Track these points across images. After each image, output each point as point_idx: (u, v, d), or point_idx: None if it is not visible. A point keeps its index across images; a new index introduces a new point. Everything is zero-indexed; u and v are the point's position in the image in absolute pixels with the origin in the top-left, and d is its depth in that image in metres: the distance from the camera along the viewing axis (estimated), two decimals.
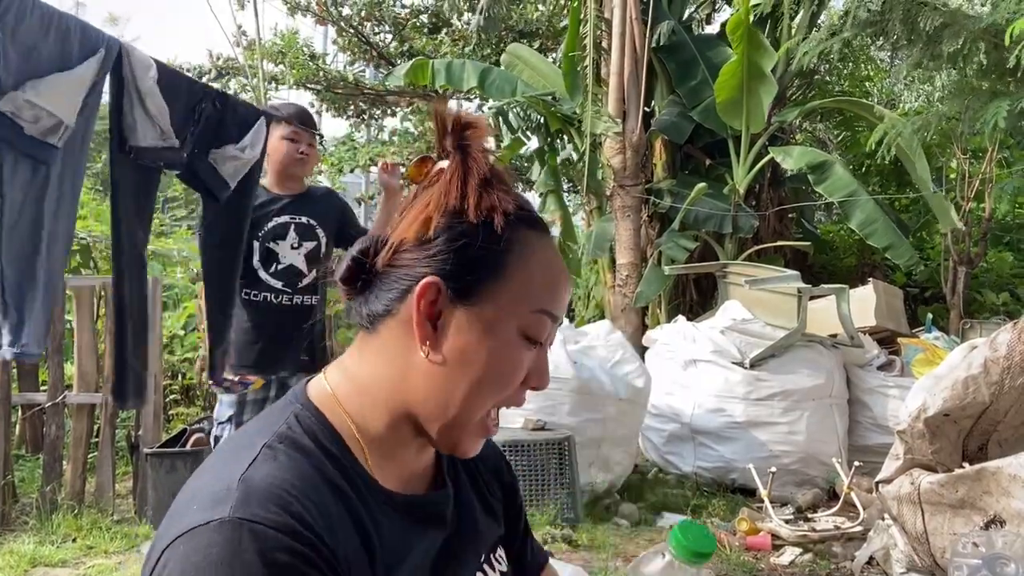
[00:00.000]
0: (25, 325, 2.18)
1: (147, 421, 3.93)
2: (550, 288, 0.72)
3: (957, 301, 6.67)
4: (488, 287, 0.69)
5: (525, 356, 0.71)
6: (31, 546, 3.30)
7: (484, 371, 0.69)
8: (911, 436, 2.65)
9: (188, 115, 2.46)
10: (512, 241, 0.70)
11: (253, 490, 0.61)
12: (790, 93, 7.50)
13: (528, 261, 0.71)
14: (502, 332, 0.69)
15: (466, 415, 0.71)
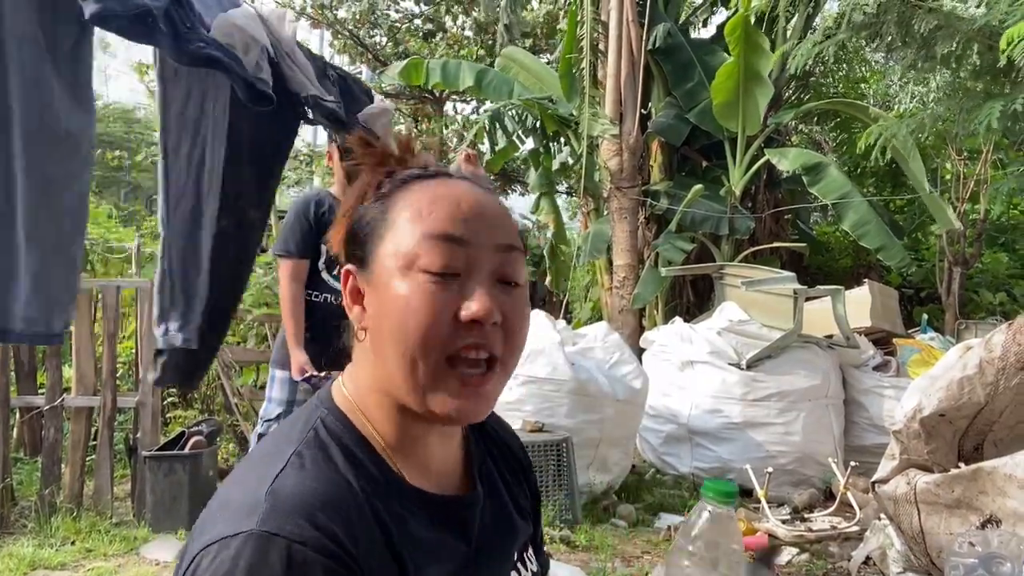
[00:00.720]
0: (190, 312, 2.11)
1: (145, 424, 3.93)
2: (432, 212, 0.69)
3: (952, 302, 6.71)
4: (378, 248, 0.71)
5: (434, 290, 0.67)
6: (30, 549, 3.30)
7: (395, 324, 0.68)
8: (907, 436, 2.67)
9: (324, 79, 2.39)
10: (393, 200, 0.72)
11: (280, 502, 0.63)
12: (786, 95, 7.53)
13: (403, 203, 0.71)
14: (399, 278, 0.68)
15: (411, 372, 0.68)
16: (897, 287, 6.93)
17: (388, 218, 0.71)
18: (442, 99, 11.65)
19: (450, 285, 0.68)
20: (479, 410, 0.70)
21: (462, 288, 0.68)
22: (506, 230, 0.72)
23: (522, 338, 0.73)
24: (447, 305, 0.67)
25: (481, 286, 0.68)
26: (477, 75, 7.34)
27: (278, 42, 2.16)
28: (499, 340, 0.69)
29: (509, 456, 0.92)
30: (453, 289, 0.68)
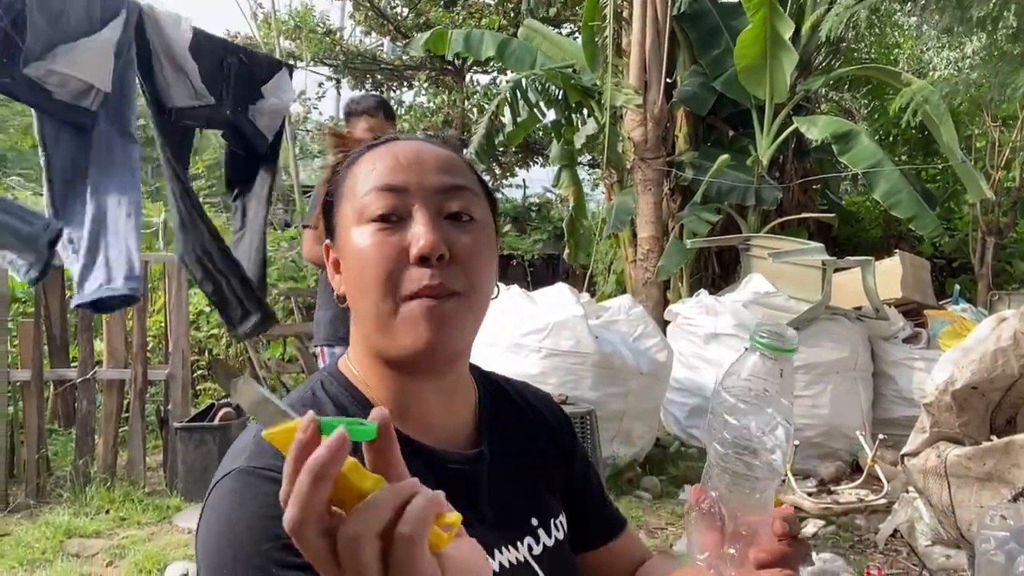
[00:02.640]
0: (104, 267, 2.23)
1: (176, 396, 4.00)
2: (374, 168, 0.75)
3: (985, 272, 6.57)
4: (339, 214, 0.77)
5: (386, 236, 0.71)
6: (66, 518, 3.39)
7: (356, 269, 0.73)
8: (938, 409, 2.62)
9: (217, 72, 2.46)
10: (350, 170, 0.77)
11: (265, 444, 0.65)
12: (816, 61, 7.35)
13: (357, 169, 0.76)
14: (352, 233, 0.73)
15: (376, 310, 0.71)
16: (929, 257, 6.80)
17: (344, 186, 0.77)
18: (463, 70, 11.56)
19: (397, 229, 0.72)
20: (447, 337, 0.71)
21: (408, 227, 0.72)
22: (450, 172, 0.75)
23: (483, 271, 0.75)
24: (395, 247, 0.71)
25: (424, 225, 0.71)
26: (499, 45, 7.25)
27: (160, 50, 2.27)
28: (457, 275, 0.72)
29: (538, 423, 0.90)
30: (402, 232, 0.72)
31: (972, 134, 7.14)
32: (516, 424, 0.87)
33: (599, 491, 0.95)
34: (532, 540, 0.80)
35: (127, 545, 3.16)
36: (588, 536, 0.92)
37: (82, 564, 2.99)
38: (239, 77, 2.55)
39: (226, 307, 2.50)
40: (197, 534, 0.67)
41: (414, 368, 0.74)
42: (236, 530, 0.63)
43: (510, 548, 0.77)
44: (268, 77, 2.70)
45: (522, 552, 0.78)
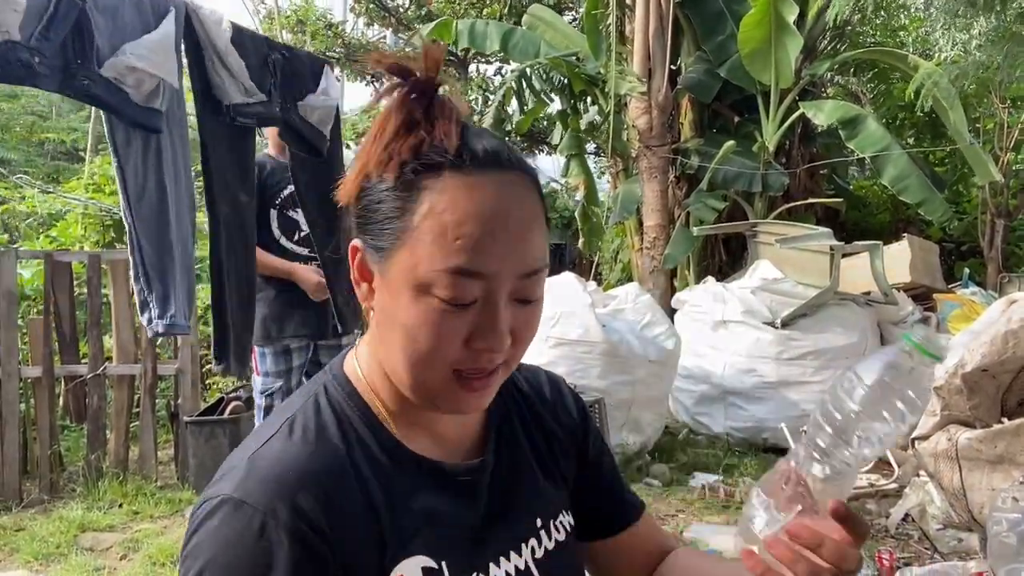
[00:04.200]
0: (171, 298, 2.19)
1: (185, 390, 4.01)
2: (463, 241, 0.62)
3: (995, 255, 6.53)
4: (393, 246, 0.64)
5: (451, 318, 0.63)
6: (79, 512, 3.41)
7: (403, 336, 0.65)
8: (948, 392, 2.61)
9: (263, 68, 2.41)
10: (412, 192, 0.63)
11: (256, 470, 0.65)
12: (821, 45, 7.29)
13: (430, 214, 0.62)
14: (410, 293, 0.64)
15: (415, 380, 0.67)
16: (937, 241, 6.76)
17: (409, 220, 0.63)
18: (466, 61, 11.53)
19: (465, 311, 0.64)
20: (482, 404, 0.70)
21: (478, 313, 0.64)
22: (533, 251, 0.65)
23: (530, 342, 0.70)
24: (458, 331, 0.64)
25: (498, 315, 0.64)
26: (503, 36, 7.22)
27: (210, 46, 2.21)
28: (511, 352, 0.67)
29: (541, 413, 0.87)
30: (467, 314, 0.64)
31: (980, 116, 7.08)
32: (524, 415, 0.85)
33: (613, 476, 0.92)
34: (535, 542, 0.79)
35: (140, 539, 3.19)
36: (604, 522, 0.89)
37: (96, 558, 3.02)
38: (284, 74, 2.50)
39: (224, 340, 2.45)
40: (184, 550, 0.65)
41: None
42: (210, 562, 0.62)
43: (512, 555, 0.76)
44: (310, 74, 2.67)
45: (524, 556, 0.77)
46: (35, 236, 5.96)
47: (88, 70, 1.86)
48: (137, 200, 2.10)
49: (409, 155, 0.63)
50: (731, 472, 4.02)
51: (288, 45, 2.78)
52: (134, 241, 2.14)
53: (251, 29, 2.60)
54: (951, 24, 5.38)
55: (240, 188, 2.46)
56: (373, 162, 0.65)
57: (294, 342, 3.00)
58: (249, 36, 2.45)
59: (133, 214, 2.11)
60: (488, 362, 0.66)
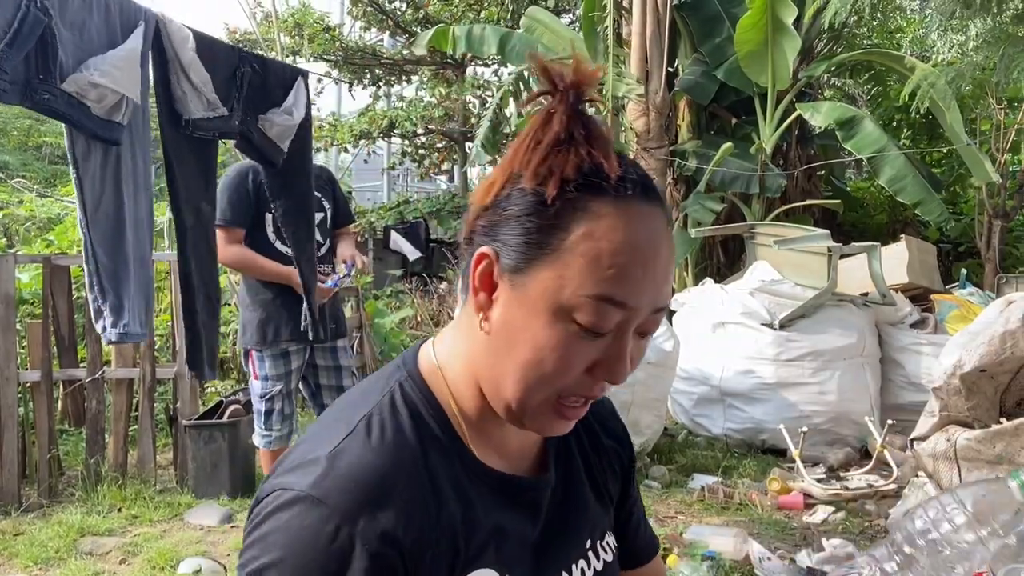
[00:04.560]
0: (125, 307, 2.20)
1: (184, 394, 4.01)
2: (615, 271, 0.61)
3: (992, 256, 6.54)
4: (538, 264, 0.62)
5: (583, 345, 0.63)
6: (79, 516, 3.41)
7: (528, 354, 0.64)
8: (946, 393, 2.62)
9: (230, 81, 2.43)
10: (569, 212, 0.62)
11: (337, 470, 0.63)
12: (818, 47, 7.31)
13: (586, 237, 0.61)
14: (549, 315, 0.62)
15: (522, 398, 0.65)
16: (935, 242, 6.77)
17: (561, 239, 0.62)
18: (463, 63, 11.54)
19: (597, 339, 0.63)
20: (568, 429, 0.71)
21: (608, 343, 0.64)
22: (668, 287, 0.66)
23: None
24: (585, 358, 0.64)
25: (627, 351, 0.64)
26: (500, 40, 7.24)
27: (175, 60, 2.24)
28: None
29: (597, 431, 0.86)
30: (599, 343, 0.64)
31: (976, 117, 7.10)
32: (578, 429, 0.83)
33: (641, 509, 0.92)
34: (584, 563, 0.78)
35: (140, 542, 3.18)
36: (624, 556, 0.88)
37: (95, 562, 3.01)
38: (251, 86, 2.51)
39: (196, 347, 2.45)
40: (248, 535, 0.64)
41: None
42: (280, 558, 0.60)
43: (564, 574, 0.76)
44: (283, 85, 2.67)
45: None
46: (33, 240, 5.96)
47: (50, 85, 1.87)
48: (94, 211, 2.12)
49: (573, 173, 0.62)
50: (730, 473, 4.03)
51: (263, 57, 2.78)
52: (89, 251, 2.16)
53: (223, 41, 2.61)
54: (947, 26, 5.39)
55: (203, 198, 2.48)
56: (529, 172, 0.62)
57: (291, 345, 3.00)
58: (220, 47, 2.47)
59: (89, 225, 2.13)
60: (600, 390, 0.67)
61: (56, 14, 1.86)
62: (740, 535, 2.83)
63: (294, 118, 2.66)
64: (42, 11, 1.82)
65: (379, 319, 6.07)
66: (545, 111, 0.64)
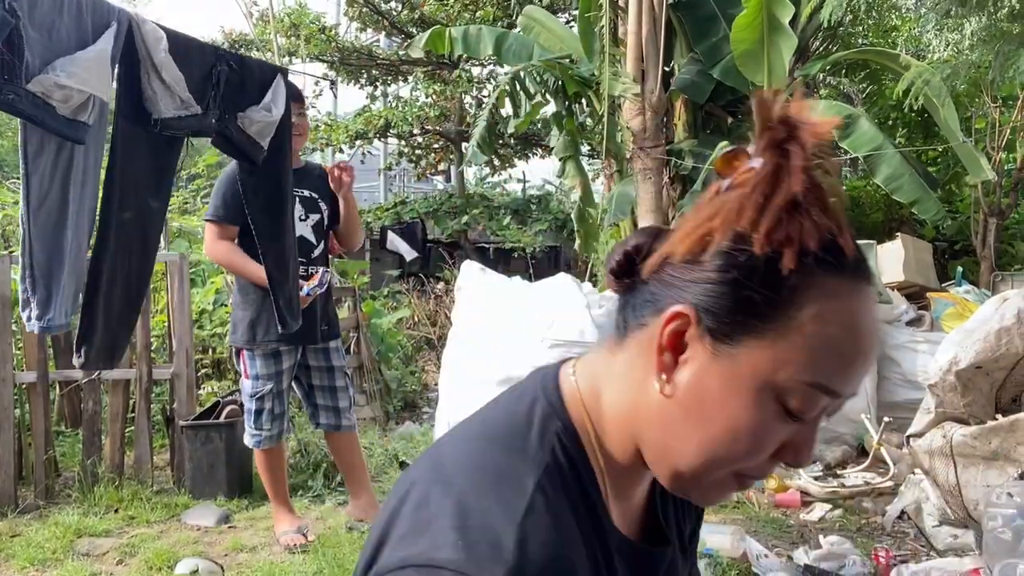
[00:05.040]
0: (52, 300, 2.22)
1: (180, 395, 4.01)
2: (838, 359, 0.57)
3: (988, 254, 6.56)
4: (753, 337, 0.56)
5: (780, 428, 0.58)
6: (75, 517, 3.40)
7: (720, 430, 0.58)
8: (942, 390, 2.63)
9: (205, 80, 2.43)
10: (802, 288, 0.55)
11: (530, 561, 0.55)
12: (813, 46, 7.32)
13: (817, 318, 0.55)
14: (755, 394, 0.57)
15: (700, 472, 0.60)
16: (931, 240, 6.79)
17: (788, 319, 0.56)
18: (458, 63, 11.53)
19: (795, 424, 0.58)
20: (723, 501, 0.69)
21: (799, 427, 0.59)
22: None
23: None
24: (778, 440, 0.59)
25: (816, 434, 0.60)
26: (496, 40, 7.25)
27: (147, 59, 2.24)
28: None
29: None
30: (792, 427, 0.59)
31: (972, 115, 7.12)
32: None
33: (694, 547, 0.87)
34: None
35: (137, 543, 3.18)
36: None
37: (92, 563, 3.01)
38: (229, 84, 2.51)
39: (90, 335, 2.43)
40: None
41: None
42: None
43: None
44: (261, 83, 2.67)
45: None
46: None
47: (14, 85, 1.87)
48: (38, 207, 2.14)
49: (814, 244, 0.54)
50: None
51: (239, 55, 2.78)
52: (26, 246, 2.17)
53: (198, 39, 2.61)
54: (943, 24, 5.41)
55: (153, 194, 2.46)
56: (762, 235, 0.54)
57: (282, 345, 3.00)
58: (196, 46, 2.47)
59: (30, 220, 2.14)
60: (766, 474, 0.63)
61: (24, 15, 1.87)
62: (737, 533, 2.83)
63: (273, 115, 2.66)
64: (10, 12, 1.82)
65: (376, 319, 6.07)
66: (774, 164, 0.55)
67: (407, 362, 6.51)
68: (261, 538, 3.20)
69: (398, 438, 4.73)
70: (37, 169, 2.12)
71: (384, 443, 4.49)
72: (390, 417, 5.40)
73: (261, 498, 3.70)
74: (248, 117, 2.59)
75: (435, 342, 7.34)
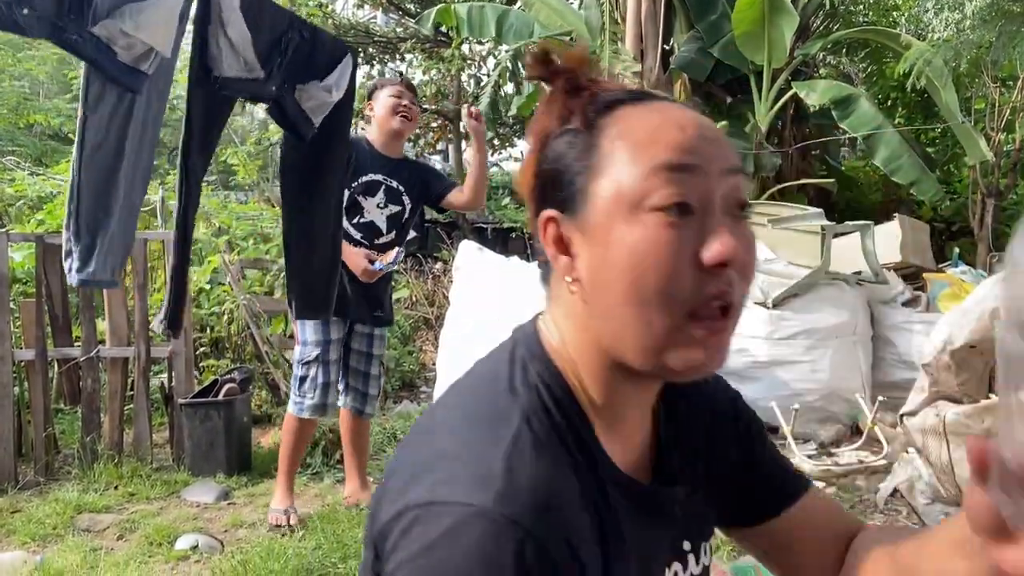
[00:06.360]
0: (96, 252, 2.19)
1: (179, 373, 4.02)
2: (657, 140, 0.59)
3: (985, 234, 6.57)
4: (591, 187, 0.61)
5: (671, 236, 0.57)
6: (75, 493, 3.42)
7: (630, 275, 0.58)
8: (936, 369, 2.64)
9: (274, 46, 2.36)
10: (601, 129, 0.62)
11: (519, 487, 0.57)
12: (813, 25, 7.27)
13: (621, 133, 0.61)
14: (626, 222, 0.59)
15: (652, 330, 0.59)
16: (928, 221, 6.80)
17: (599, 151, 0.61)
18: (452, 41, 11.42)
19: (687, 224, 0.58)
20: (717, 364, 0.62)
21: (700, 226, 0.58)
22: (731, 149, 0.63)
23: (751, 276, 0.63)
24: (686, 249, 0.58)
25: (721, 221, 0.59)
26: (498, 19, 7.21)
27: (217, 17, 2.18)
28: (740, 280, 0.60)
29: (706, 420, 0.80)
30: (691, 228, 0.58)
31: (971, 96, 7.10)
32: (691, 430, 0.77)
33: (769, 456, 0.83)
34: (680, 566, 0.73)
35: (137, 519, 3.20)
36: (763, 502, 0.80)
37: (93, 538, 3.03)
38: (297, 54, 2.44)
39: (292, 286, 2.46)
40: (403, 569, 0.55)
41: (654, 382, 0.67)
42: None
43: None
44: (329, 60, 2.61)
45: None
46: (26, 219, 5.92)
47: (79, 26, 1.84)
48: (93, 152, 2.10)
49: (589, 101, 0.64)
50: None
51: (315, 26, 2.69)
52: (74, 191, 2.14)
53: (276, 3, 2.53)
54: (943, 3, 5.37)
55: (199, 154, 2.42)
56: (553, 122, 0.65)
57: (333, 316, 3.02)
58: (271, 10, 2.39)
59: (83, 165, 2.11)
60: (725, 284, 0.59)
61: None
62: None
63: (332, 96, 2.60)
64: None
65: None
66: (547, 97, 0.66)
67: (405, 342, 6.52)
68: (260, 515, 3.23)
69: (396, 417, 4.76)
70: (96, 111, 2.08)
71: (382, 422, 4.51)
72: (388, 396, 5.42)
73: (260, 475, 3.72)
74: (307, 91, 2.52)
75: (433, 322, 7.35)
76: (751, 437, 0.82)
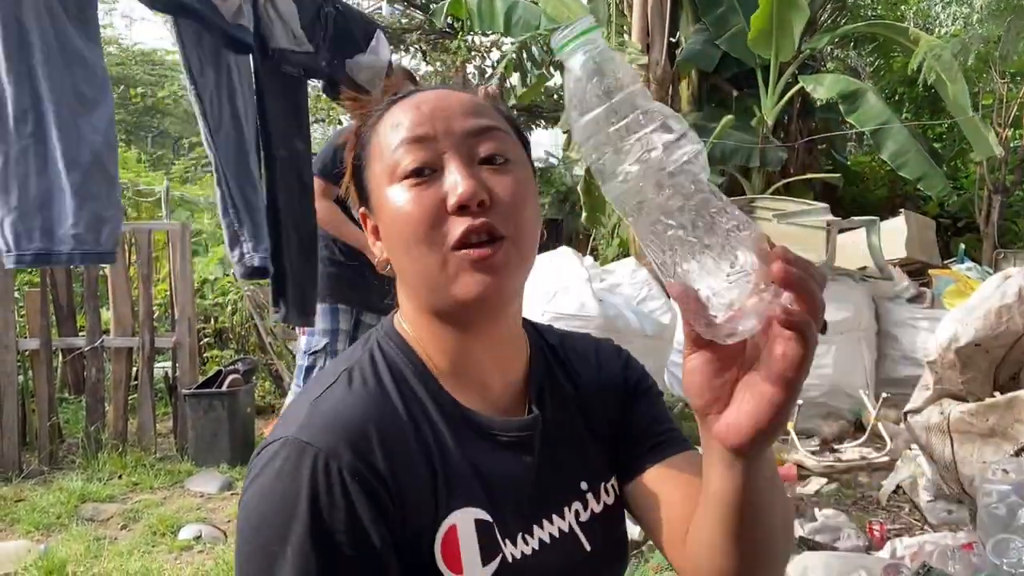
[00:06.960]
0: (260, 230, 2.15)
1: (183, 363, 4.03)
2: (400, 121, 0.73)
3: (991, 231, 6.54)
4: (370, 176, 0.75)
5: (421, 192, 0.70)
6: (79, 483, 3.44)
7: (398, 232, 0.71)
8: (941, 366, 2.63)
9: (315, 20, 2.37)
10: (375, 128, 0.76)
11: (320, 414, 0.69)
12: (821, 19, 7.23)
13: (382, 125, 0.75)
14: (386, 189, 0.72)
15: (426, 269, 0.70)
16: (934, 217, 6.77)
17: (371, 148, 0.75)
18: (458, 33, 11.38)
19: (432, 182, 0.70)
20: (499, 285, 0.70)
21: (441, 182, 0.70)
22: (477, 114, 0.73)
23: (528, 213, 0.72)
24: (433, 199, 0.69)
25: (458, 172, 0.69)
26: (506, 12, 7.18)
27: None
28: (500, 218, 0.69)
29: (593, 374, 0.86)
30: (436, 184, 0.70)
31: (979, 91, 7.05)
32: (571, 381, 0.85)
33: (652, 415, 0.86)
34: (580, 505, 0.79)
35: (140, 509, 3.22)
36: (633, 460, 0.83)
37: (97, 527, 3.05)
38: (336, 27, 2.44)
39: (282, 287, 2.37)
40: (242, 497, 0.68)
41: (468, 320, 0.73)
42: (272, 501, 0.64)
43: (555, 518, 0.77)
44: (364, 33, 2.60)
45: (568, 519, 0.78)
46: None
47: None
48: (216, 131, 2.08)
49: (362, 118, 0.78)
50: None
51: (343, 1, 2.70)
52: (220, 172, 2.11)
53: None
54: None
55: (296, 135, 2.41)
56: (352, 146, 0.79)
57: (340, 303, 3.01)
58: None
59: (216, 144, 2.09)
60: (474, 218, 0.68)
61: None
62: None
63: (381, 59, 2.60)
64: None
65: None
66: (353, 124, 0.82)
67: None
68: None
69: None
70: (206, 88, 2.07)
71: None
72: None
73: None
74: (356, 63, 2.52)
75: None
76: (636, 395, 0.88)
